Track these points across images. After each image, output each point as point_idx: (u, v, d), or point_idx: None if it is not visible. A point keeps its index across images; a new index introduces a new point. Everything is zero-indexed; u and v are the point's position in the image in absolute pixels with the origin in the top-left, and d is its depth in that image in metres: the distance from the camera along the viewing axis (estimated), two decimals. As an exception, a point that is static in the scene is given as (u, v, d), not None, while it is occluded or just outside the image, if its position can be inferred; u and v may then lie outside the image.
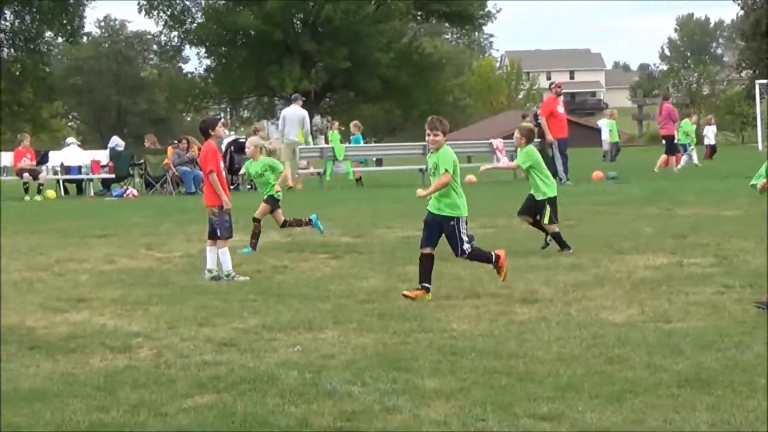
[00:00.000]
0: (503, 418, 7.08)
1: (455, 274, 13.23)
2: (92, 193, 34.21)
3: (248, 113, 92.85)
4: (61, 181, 34.83)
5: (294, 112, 34.66)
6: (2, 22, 75.91)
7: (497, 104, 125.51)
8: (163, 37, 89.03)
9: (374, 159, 39.06)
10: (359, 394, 7.79)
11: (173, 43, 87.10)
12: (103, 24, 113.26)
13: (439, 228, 11.89)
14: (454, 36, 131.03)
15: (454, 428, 6.92)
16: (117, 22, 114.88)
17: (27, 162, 33.01)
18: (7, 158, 34.63)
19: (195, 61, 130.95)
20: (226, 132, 55.13)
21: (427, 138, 12.05)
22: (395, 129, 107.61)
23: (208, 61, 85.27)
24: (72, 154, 35.99)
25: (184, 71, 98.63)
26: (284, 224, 17.14)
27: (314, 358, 9.11)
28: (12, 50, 78.41)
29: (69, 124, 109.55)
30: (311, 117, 44.11)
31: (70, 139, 40.90)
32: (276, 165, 17.14)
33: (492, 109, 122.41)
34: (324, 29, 75.60)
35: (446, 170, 11.67)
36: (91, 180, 34.91)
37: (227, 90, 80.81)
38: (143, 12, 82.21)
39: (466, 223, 11.95)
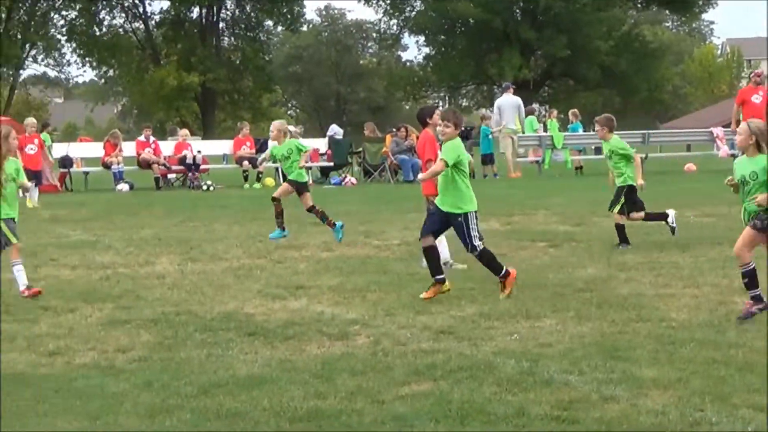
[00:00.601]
0: (722, 408, 6.91)
1: (674, 262, 12.93)
2: (311, 181, 34.74)
3: (466, 102, 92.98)
4: (279, 170, 35.46)
5: (508, 101, 34.63)
6: (223, 11, 77.97)
7: (718, 92, 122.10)
8: (382, 25, 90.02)
9: (593, 147, 38.49)
10: (576, 383, 7.69)
11: (392, 32, 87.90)
12: (324, 13, 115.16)
13: (445, 221, 11.59)
14: (675, 23, 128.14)
15: (672, 418, 6.78)
16: (337, 12, 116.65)
17: (246, 150, 33.77)
18: (227, 146, 35.62)
19: (414, 50, 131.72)
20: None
21: (438, 128, 11.99)
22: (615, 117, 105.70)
23: (426, 50, 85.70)
24: (291, 143, 36.58)
25: (403, 59, 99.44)
26: (311, 209, 16.93)
27: (531, 346, 9.04)
28: (232, 39, 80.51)
29: (288, 112, 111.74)
30: (530, 105, 43.87)
31: (289, 128, 41.60)
32: (301, 146, 17.13)
33: (713, 97, 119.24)
34: (543, 17, 74.97)
35: (442, 159, 11.39)
36: (310, 168, 35.48)
37: (446, 78, 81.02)
38: (362, 0, 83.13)
39: (477, 219, 11.52)
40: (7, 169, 12.08)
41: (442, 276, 11.53)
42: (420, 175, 12.33)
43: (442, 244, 13.68)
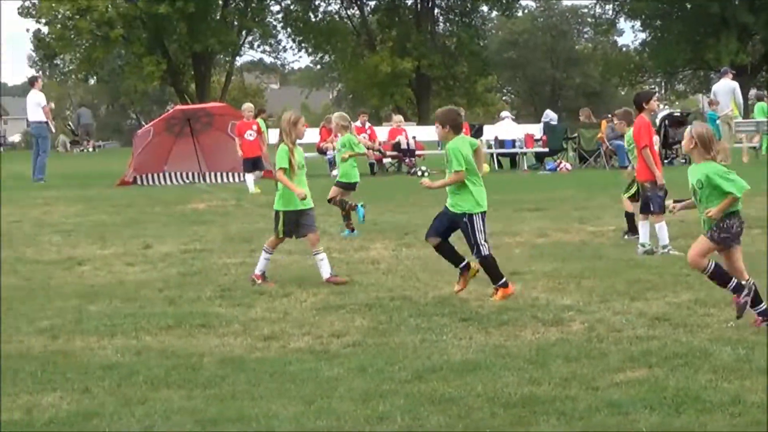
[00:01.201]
0: None
1: None
2: (525, 167, 34.62)
3: (683, 87, 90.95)
4: (495, 155, 35.46)
5: (724, 86, 34.01)
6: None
7: None
8: (597, 10, 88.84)
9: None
10: (794, 371, 7.47)
11: (607, 16, 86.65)
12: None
13: (452, 222, 11.07)
14: None
15: None
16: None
17: (462, 135, 33.84)
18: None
19: (629, 35, 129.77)
20: (660, 106, 54.18)
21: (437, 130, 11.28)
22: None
23: (642, 35, 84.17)
24: (506, 128, 36.63)
25: (619, 45, 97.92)
26: (330, 201, 16.95)
27: (748, 334, 8.84)
28: (447, 24, 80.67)
29: (503, 98, 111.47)
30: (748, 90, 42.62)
31: (504, 113, 41.60)
32: (353, 142, 16.92)
33: None
34: (761, 1, 72.61)
35: (456, 170, 10.78)
36: (525, 154, 35.36)
37: (662, 64, 79.37)
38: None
39: (483, 221, 10.94)
40: (298, 156, 12.12)
41: (464, 262, 11.11)
42: (425, 181, 11.46)
43: (662, 229, 13.44)
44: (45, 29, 68.71)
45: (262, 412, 7.10)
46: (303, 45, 77.04)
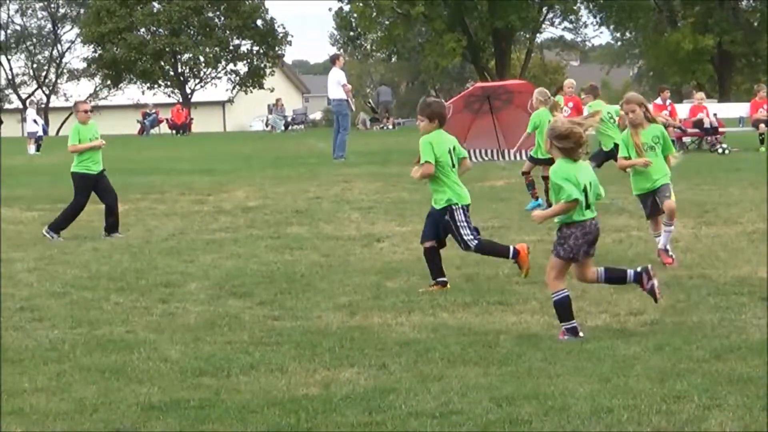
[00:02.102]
0: None
1: None
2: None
3: None
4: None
5: None
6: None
7: None
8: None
9: None
10: None
11: None
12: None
13: (439, 220, 10.71)
14: None
15: None
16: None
17: (763, 113, 32.63)
18: (743, 109, 35.18)
19: None
20: None
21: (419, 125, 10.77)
22: None
23: None
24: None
25: None
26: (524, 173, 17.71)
27: None
28: (750, 0, 77.70)
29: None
30: None
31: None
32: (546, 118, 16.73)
33: None
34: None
35: (427, 161, 10.52)
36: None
37: None
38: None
39: (465, 213, 10.62)
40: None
41: (443, 279, 10.86)
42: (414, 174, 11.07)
43: None
44: (347, 8, 70.38)
45: (558, 390, 7.09)
46: (604, 21, 75.89)
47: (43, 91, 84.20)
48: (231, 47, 72.98)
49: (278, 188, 20.95)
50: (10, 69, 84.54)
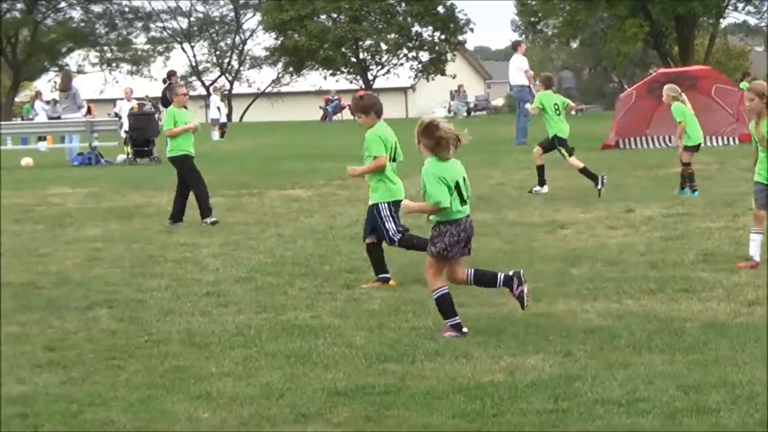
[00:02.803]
0: None
1: None
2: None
3: None
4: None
5: None
6: None
7: None
8: None
9: None
10: None
11: None
12: None
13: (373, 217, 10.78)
14: None
15: None
16: None
17: None
18: None
19: None
20: None
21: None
22: None
23: None
24: None
25: None
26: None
27: None
28: None
29: None
30: None
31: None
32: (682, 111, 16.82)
33: None
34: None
35: (375, 155, 10.62)
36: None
37: None
38: None
39: (390, 209, 10.66)
40: None
41: (386, 275, 10.87)
42: (351, 169, 11.12)
43: None
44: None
45: (746, 378, 6.93)
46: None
47: (227, 78, 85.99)
48: (412, 34, 73.26)
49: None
50: (194, 56, 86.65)
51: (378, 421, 6.49)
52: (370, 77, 73.89)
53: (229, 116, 53.24)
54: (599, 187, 17.11)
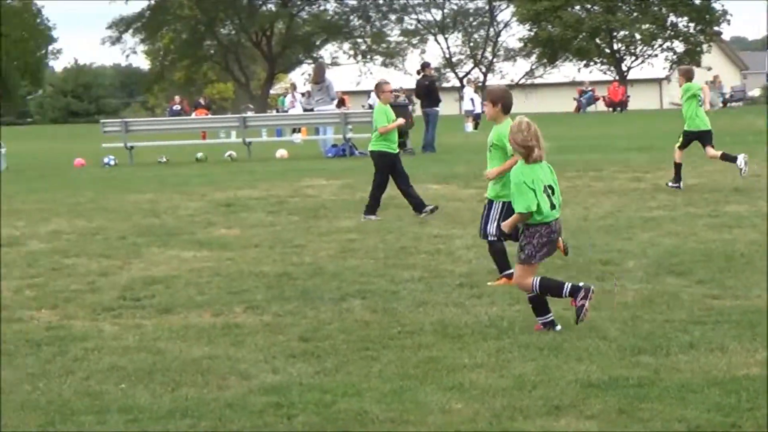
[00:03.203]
0: None
1: None
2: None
3: None
4: None
5: None
6: None
7: None
8: None
9: None
10: None
11: None
12: None
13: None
14: None
15: None
16: None
17: None
18: None
19: None
20: None
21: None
22: None
23: None
24: None
25: None
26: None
27: None
28: None
29: None
30: None
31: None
32: None
33: None
34: None
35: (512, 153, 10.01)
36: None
37: None
38: None
39: (501, 211, 10.33)
40: None
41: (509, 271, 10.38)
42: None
43: None
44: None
45: None
46: None
47: (480, 70, 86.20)
48: (667, 24, 71.76)
49: (716, 165, 20.30)
50: (448, 48, 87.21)
51: (631, 414, 6.38)
52: (624, 68, 72.73)
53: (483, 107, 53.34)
54: None
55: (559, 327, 8.54)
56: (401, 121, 16.32)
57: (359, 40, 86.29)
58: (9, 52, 71.58)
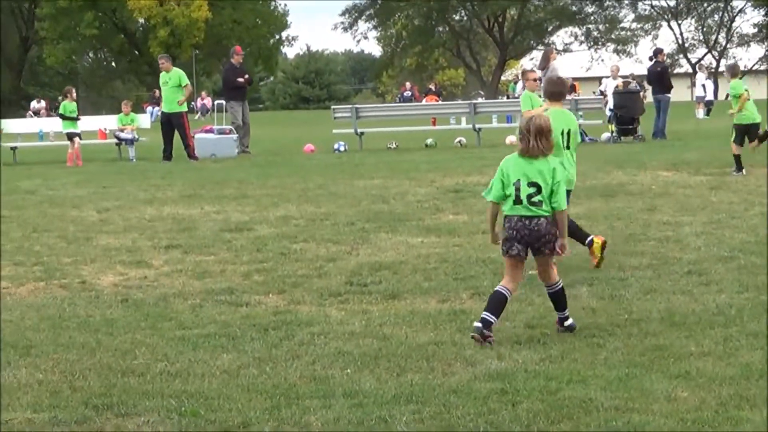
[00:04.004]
0: None
1: None
2: None
3: None
4: None
5: None
6: None
7: None
8: None
9: None
10: None
11: None
12: None
13: None
14: None
15: None
16: None
17: None
18: None
19: None
20: None
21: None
22: None
23: None
24: None
25: None
26: None
27: None
28: None
29: None
30: None
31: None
32: None
33: None
34: None
35: None
36: None
37: None
38: None
39: None
40: None
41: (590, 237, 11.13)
42: None
43: None
44: None
45: None
46: None
47: (713, 56, 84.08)
48: None
49: None
50: (681, 34, 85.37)
51: None
52: None
53: (715, 94, 52.03)
54: None
55: (491, 339, 8.12)
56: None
57: (591, 26, 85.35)
58: (242, 39, 73.69)
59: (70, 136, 28.31)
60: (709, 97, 45.74)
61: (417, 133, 33.49)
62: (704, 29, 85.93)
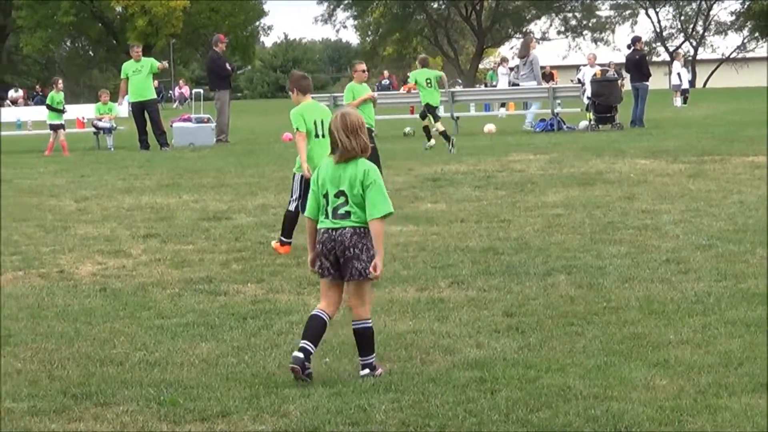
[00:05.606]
0: None
1: None
2: None
3: None
4: None
5: None
6: None
7: None
8: None
9: None
10: None
11: None
12: None
13: None
14: None
15: None
16: None
17: None
18: None
19: None
20: None
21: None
22: None
23: None
24: None
25: None
26: None
27: None
28: None
29: None
30: None
31: None
32: None
33: None
34: None
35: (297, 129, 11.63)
36: None
37: None
38: None
39: (301, 182, 11.59)
40: None
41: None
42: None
43: None
44: None
45: None
46: None
47: (690, 44, 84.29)
48: None
49: None
50: (659, 22, 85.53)
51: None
52: None
53: (692, 82, 52.23)
54: None
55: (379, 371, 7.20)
56: (368, 95, 17.64)
57: (569, 15, 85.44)
58: (219, 27, 73.42)
59: (55, 127, 28.15)
60: (685, 85, 45.85)
61: (395, 122, 33.48)
62: (682, 17, 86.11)
